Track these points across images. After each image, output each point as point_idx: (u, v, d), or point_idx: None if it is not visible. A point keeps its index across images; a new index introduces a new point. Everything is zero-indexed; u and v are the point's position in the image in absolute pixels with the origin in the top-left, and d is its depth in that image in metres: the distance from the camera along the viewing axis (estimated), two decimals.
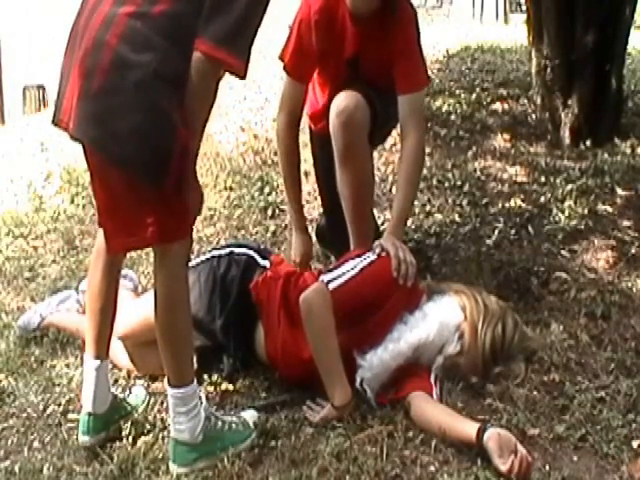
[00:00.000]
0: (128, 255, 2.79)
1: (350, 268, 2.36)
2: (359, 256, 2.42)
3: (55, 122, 1.96)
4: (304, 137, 3.06)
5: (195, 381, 2.06)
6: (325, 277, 2.34)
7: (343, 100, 2.64)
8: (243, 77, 1.94)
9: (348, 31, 2.70)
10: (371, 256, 2.41)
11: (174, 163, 1.86)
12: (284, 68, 2.79)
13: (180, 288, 2.01)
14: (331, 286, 2.31)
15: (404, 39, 2.66)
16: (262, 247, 2.63)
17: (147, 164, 1.84)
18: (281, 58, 2.79)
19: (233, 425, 2.13)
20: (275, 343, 2.39)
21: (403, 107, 2.64)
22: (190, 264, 2.42)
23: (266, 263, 2.49)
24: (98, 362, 2.16)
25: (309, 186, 3.69)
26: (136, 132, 1.82)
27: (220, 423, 2.11)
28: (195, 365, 2.35)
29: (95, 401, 2.16)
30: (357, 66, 2.71)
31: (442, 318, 2.32)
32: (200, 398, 2.10)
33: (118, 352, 2.48)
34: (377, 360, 2.27)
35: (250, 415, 2.20)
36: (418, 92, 2.68)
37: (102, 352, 2.17)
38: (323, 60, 2.75)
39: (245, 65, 1.92)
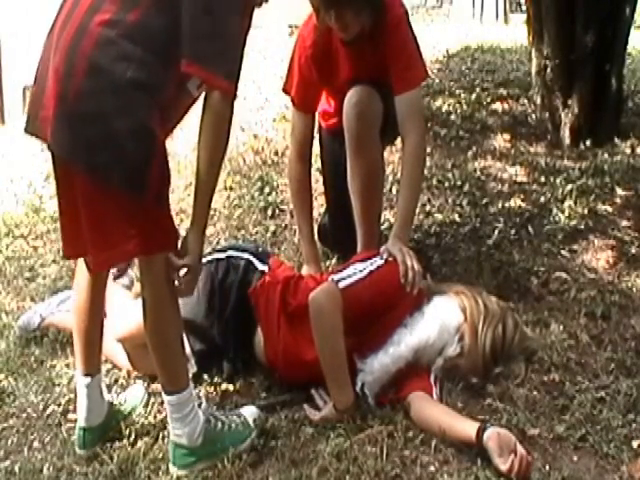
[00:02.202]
0: None
1: (359, 270, 2.34)
2: (366, 259, 2.40)
3: (29, 130, 1.94)
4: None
5: (190, 386, 2.05)
6: (335, 277, 2.33)
7: (357, 93, 2.67)
8: (227, 93, 1.89)
9: (342, 55, 2.74)
10: (378, 261, 2.39)
11: (154, 171, 1.85)
12: (292, 101, 2.86)
13: (166, 298, 1.99)
14: (341, 285, 2.29)
15: (394, 43, 2.65)
16: (260, 250, 2.61)
17: (125, 172, 1.82)
18: (285, 91, 2.86)
19: (233, 425, 2.12)
20: (275, 347, 2.38)
21: (399, 107, 2.63)
22: None
23: (264, 267, 2.48)
24: (88, 379, 2.15)
25: None
26: (113, 140, 1.80)
27: (220, 424, 2.11)
28: (195, 368, 2.35)
29: (88, 416, 2.16)
30: (358, 82, 2.71)
31: (442, 320, 2.31)
32: (200, 398, 2.10)
33: (118, 352, 2.48)
34: (378, 364, 2.26)
35: (250, 412, 2.19)
36: (413, 90, 2.66)
37: (92, 369, 2.16)
38: (325, 85, 2.83)
39: (224, 80, 1.88)
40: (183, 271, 1.95)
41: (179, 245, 1.97)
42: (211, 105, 1.89)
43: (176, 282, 1.96)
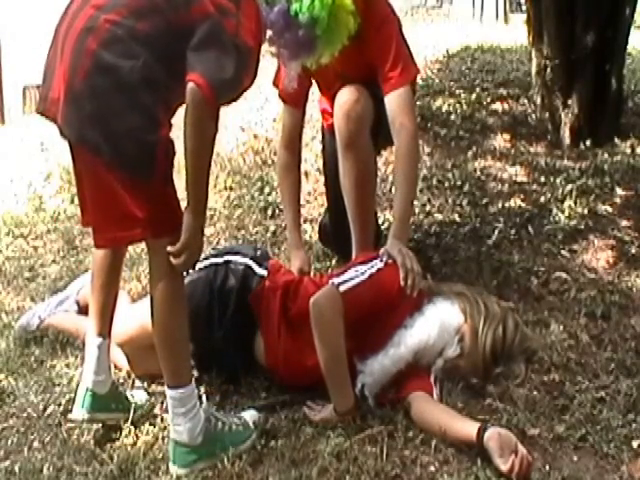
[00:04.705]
0: (128, 255, 2.79)
1: (359, 273, 2.33)
2: (366, 262, 2.39)
3: (41, 111, 1.97)
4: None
5: (193, 382, 2.06)
6: (335, 280, 2.32)
7: (346, 93, 2.67)
8: (208, 101, 1.87)
9: None
10: (378, 263, 2.37)
11: (159, 157, 1.88)
12: (279, 96, 2.89)
13: (175, 288, 2.01)
14: (341, 288, 2.28)
15: (379, 43, 2.64)
16: (259, 253, 2.58)
17: (133, 159, 1.86)
18: (275, 84, 2.89)
19: (233, 426, 2.13)
20: (276, 353, 2.38)
21: (389, 107, 2.63)
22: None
23: (264, 272, 2.46)
24: (100, 339, 2.18)
25: (309, 186, 3.70)
26: (119, 133, 1.85)
27: (220, 424, 2.11)
28: (195, 373, 2.35)
29: (95, 378, 2.18)
30: (348, 79, 2.72)
31: (442, 321, 2.31)
32: (200, 398, 2.10)
33: (118, 353, 2.48)
34: (378, 365, 2.26)
35: (250, 415, 2.20)
36: (401, 88, 2.64)
37: (104, 330, 2.19)
38: (316, 78, 2.85)
39: (212, 92, 1.87)
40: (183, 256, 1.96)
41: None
42: (188, 100, 1.89)
43: (174, 260, 1.96)
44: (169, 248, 1.94)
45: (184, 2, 1.91)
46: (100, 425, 2.25)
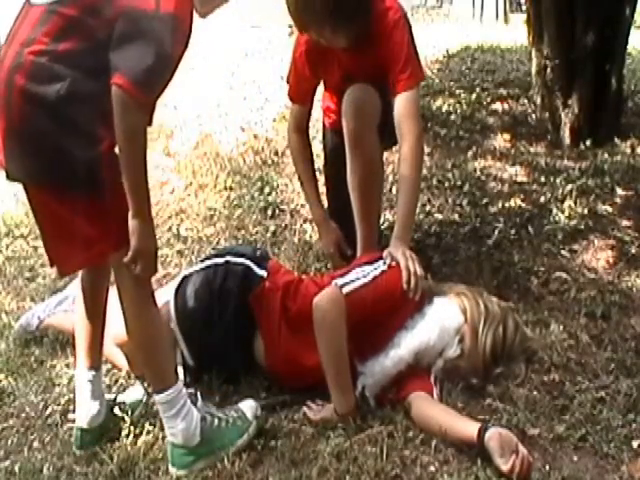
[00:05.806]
0: None
1: (362, 275, 2.32)
2: (369, 263, 2.38)
3: None
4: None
5: (179, 382, 2.06)
6: (338, 281, 2.31)
7: (355, 90, 2.71)
8: (136, 99, 1.81)
9: (336, 54, 2.77)
10: (382, 266, 2.37)
11: (105, 171, 1.87)
12: (288, 94, 2.97)
13: (144, 295, 2.00)
14: (344, 290, 2.27)
15: (390, 47, 2.66)
16: (259, 253, 2.59)
17: (79, 179, 1.85)
18: (288, 81, 2.97)
19: (230, 420, 2.12)
20: (276, 354, 2.38)
21: (396, 108, 2.64)
22: (186, 272, 2.43)
23: (263, 273, 2.46)
24: (92, 373, 2.16)
25: None
26: (59, 154, 1.84)
27: (217, 421, 2.11)
28: (196, 373, 2.35)
29: (89, 414, 2.16)
30: (354, 80, 2.74)
31: (443, 322, 2.31)
32: (195, 396, 2.10)
33: (117, 353, 2.48)
34: (378, 367, 2.26)
35: (249, 406, 2.18)
36: (409, 91, 2.66)
37: (95, 363, 2.18)
38: (323, 78, 2.90)
39: (138, 88, 1.81)
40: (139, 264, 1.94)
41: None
42: (114, 106, 1.83)
43: (133, 270, 1.93)
44: (123, 259, 1.91)
45: (99, 6, 1.85)
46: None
